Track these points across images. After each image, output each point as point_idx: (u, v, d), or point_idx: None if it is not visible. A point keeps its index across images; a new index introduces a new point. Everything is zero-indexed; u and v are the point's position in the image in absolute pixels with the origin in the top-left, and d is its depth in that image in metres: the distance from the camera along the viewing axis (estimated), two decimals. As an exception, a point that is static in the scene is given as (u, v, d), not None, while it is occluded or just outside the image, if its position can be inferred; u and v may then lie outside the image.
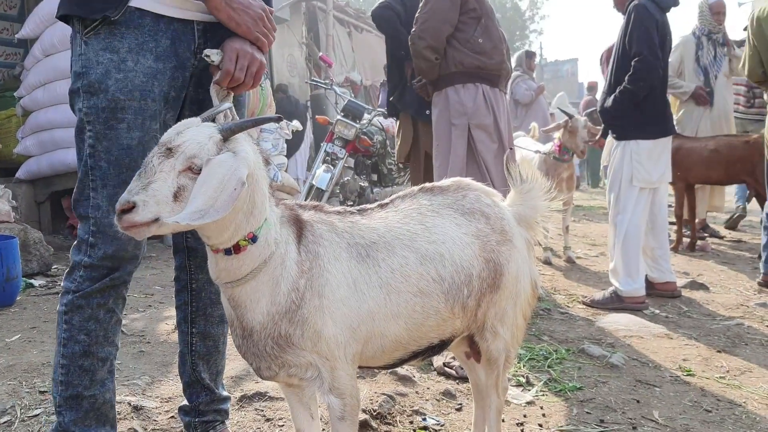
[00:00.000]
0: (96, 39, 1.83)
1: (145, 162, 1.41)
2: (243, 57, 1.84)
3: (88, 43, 1.84)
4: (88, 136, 1.86)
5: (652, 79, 4.26)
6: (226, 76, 1.81)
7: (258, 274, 1.55)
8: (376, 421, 2.54)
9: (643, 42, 4.25)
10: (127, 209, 1.35)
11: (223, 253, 1.52)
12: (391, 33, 4.87)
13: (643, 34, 4.27)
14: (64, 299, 1.94)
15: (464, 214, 1.89)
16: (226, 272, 1.55)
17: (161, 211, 1.37)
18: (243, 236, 1.52)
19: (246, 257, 1.53)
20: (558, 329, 3.86)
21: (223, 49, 1.83)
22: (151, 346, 3.48)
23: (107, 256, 1.90)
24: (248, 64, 1.85)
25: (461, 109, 4.02)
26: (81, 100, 1.86)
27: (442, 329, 1.81)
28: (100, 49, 1.83)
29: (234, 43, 1.84)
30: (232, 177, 1.39)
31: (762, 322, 4.07)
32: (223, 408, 2.28)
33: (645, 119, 4.38)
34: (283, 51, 12.65)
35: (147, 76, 1.85)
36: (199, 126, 1.48)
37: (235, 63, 1.82)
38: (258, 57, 1.88)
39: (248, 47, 1.86)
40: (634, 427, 2.57)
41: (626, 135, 4.47)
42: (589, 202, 11.11)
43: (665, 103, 4.52)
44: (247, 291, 1.57)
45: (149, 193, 1.36)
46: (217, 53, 1.82)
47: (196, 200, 1.35)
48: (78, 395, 1.94)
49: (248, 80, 1.87)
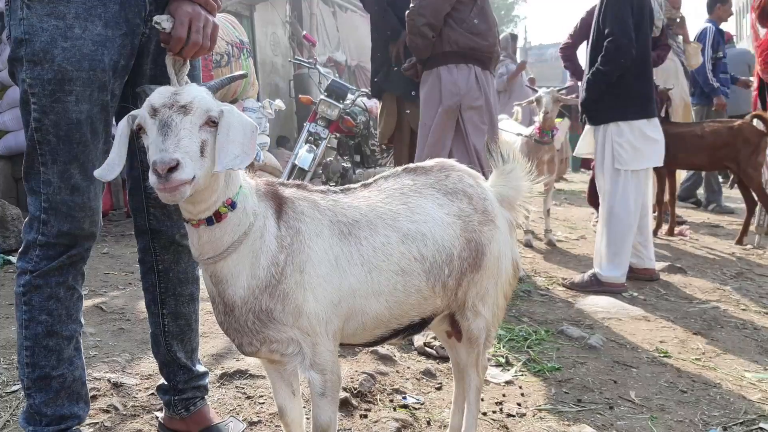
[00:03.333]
0: (40, 3, 1.72)
1: (165, 120, 1.38)
2: (197, 19, 1.75)
3: (30, 6, 1.72)
4: (33, 109, 1.77)
5: (624, 60, 4.18)
6: (178, 42, 1.72)
7: (239, 246, 1.57)
8: (356, 399, 2.55)
9: (615, 22, 4.19)
10: (174, 168, 1.32)
11: (205, 224, 1.53)
12: (378, 13, 4.83)
13: (615, 14, 4.21)
14: (21, 280, 1.88)
15: (447, 194, 1.90)
16: (210, 245, 1.56)
17: (195, 167, 1.37)
18: (223, 202, 1.53)
19: (227, 225, 1.55)
20: (538, 311, 3.89)
21: (174, 14, 1.75)
22: (131, 324, 3.46)
23: (62, 233, 1.84)
24: (203, 25, 1.77)
25: (454, 89, 4.02)
26: (24, 69, 1.75)
27: (422, 307, 1.83)
28: (45, 14, 1.72)
29: (184, 6, 1.75)
30: (248, 123, 1.46)
31: (737, 305, 4.14)
32: (201, 384, 2.27)
33: (622, 101, 4.32)
34: (267, 30, 12.53)
35: (96, 44, 1.76)
36: (190, 85, 1.51)
37: (189, 27, 1.74)
38: (211, 19, 1.81)
39: (200, 9, 1.78)
40: (611, 407, 2.61)
41: (605, 118, 4.42)
42: (570, 185, 11.18)
43: (645, 83, 4.39)
44: (229, 265, 1.58)
45: (184, 150, 1.35)
46: (167, 19, 1.73)
47: (231, 147, 1.41)
48: (46, 376, 1.90)
49: (206, 42, 1.79)
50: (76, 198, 1.84)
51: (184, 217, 1.57)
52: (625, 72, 4.24)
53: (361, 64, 14.41)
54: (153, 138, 1.39)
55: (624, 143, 4.34)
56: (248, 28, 11.78)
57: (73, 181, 1.83)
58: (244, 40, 6.73)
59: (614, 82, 4.27)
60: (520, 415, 2.52)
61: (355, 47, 15.01)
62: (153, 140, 1.39)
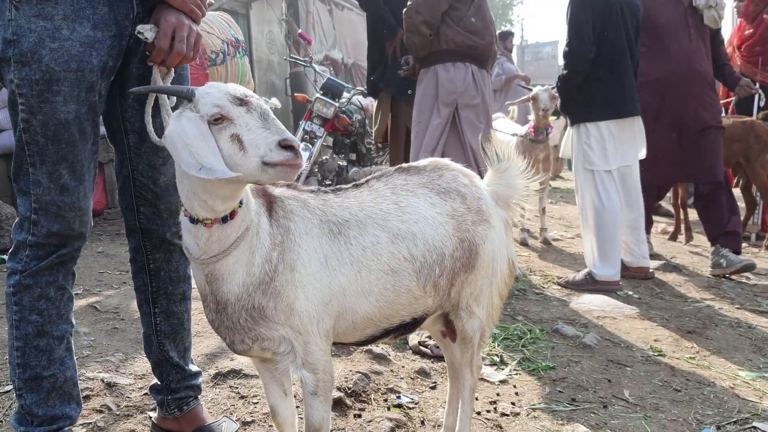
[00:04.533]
0: (28, 4, 1.72)
1: (263, 110, 1.46)
2: (180, 29, 1.78)
3: (18, 7, 1.72)
4: (21, 110, 1.77)
5: (581, 67, 4.28)
6: (160, 53, 1.77)
7: (240, 243, 1.57)
8: (350, 398, 2.55)
9: (571, 29, 4.31)
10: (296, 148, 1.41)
11: (221, 222, 1.54)
12: (374, 11, 4.82)
13: (571, 19, 4.31)
14: (11, 280, 1.88)
15: (439, 194, 1.90)
16: (218, 243, 1.55)
17: None
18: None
19: (236, 222, 1.56)
20: (533, 309, 3.90)
21: (158, 24, 1.77)
22: (125, 323, 3.45)
23: (52, 233, 1.84)
24: (186, 35, 1.80)
25: (451, 88, 4.01)
26: (12, 70, 1.75)
27: (413, 307, 1.82)
28: (33, 15, 1.72)
29: (169, 16, 1.78)
30: None
31: (732, 304, 4.15)
32: (194, 383, 2.26)
33: (589, 102, 4.39)
34: (263, 28, 12.50)
35: (84, 45, 1.76)
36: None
37: (172, 38, 1.77)
38: (195, 28, 1.84)
39: (184, 18, 1.80)
40: (605, 406, 2.61)
41: (576, 119, 4.53)
42: (565, 183, 11.18)
43: (617, 84, 4.36)
44: (228, 262, 1.58)
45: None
46: (150, 29, 1.75)
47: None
48: (37, 376, 1.90)
49: (189, 53, 1.82)
50: (65, 198, 1.84)
51: (200, 216, 1.54)
52: (592, 74, 4.30)
53: (358, 61, 14.39)
54: (253, 125, 1.43)
55: (592, 144, 4.40)
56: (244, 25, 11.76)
57: (62, 181, 1.83)
58: (240, 38, 6.71)
59: (582, 84, 4.35)
60: (514, 414, 2.52)
61: (352, 45, 14.99)
62: (254, 126, 1.43)
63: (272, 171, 1.41)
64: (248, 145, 1.42)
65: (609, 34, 4.28)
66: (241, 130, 1.43)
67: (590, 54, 4.25)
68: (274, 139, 1.40)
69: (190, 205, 1.54)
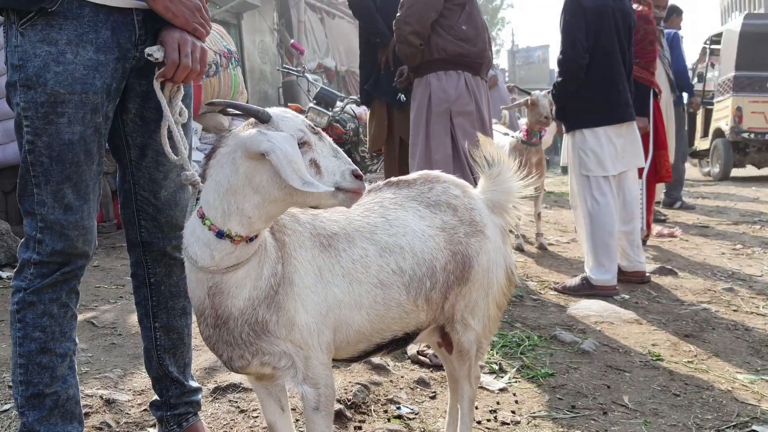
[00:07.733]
0: (33, 30, 1.76)
1: (332, 143, 1.58)
2: (185, 44, 1.82)
3: (24, 34, 1.77)
4: (26, 131, 1.80)
5: (574, 74, 4.33)
6: (172, 66, 1.79)
7: (252, 257, 1.56)
8: (350, 410, 2.54)
9: (564, 37, 4.36)
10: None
11: (248, 240, 1.52)
12: (367, 19, 4.83)
13: (564, 27, 4.36)
14: (15, 298, 1.89)
15: (429, 207, 1.90)
16: (235, 259, 1.53)
17: None
18: None
19: (258, 241, 1.57)
20: (530, 316, 3.90)
21: (163, 43, 1.81)
22: (122, 338, 3.44)
23: (56, 251, 1.86)
24: (191, 50, 1.83)
25: (443, 96, 4.01)
26: (18, 94, 1.80)
27: (405, 322, 1.82)
28: (38, 41, 1.76)
29: (173, 33, 1.82)
30: None
31: (729, 306, 4.16)
32: (194, 399, 2.26)
33: (584, 109, 4.43)
34: (255, 37, 12.52)
35: (88, 68, 1.80)
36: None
37: (179, 52, 1.80)
38: (199, 44, 1.87)
39: (188, 36, 1.84)
40: (605, 413, 2.61)
41: (571, 125, 4.58)
42: (560, 188, 11.21)
43: (611, 90, 4.40)
44: (238, 275, 1.55)
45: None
46: (158, 49, 1.79)
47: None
48: (39, 393, 1.89)
49: (195, 66, 1.85)
50: (69, 217, 1.85)
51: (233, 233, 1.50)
52: (586, 80, 4.34)
53: (351, 69, 14.44)
54: (326, 153, 1.54)
55: (587, 150, 4.43)
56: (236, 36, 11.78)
57: (66, 200, 1.85)
58: (232, 49, 6.73)
59: (577, 90, 4.39)
60: (514, 422, 2.52)
61: (345, 53, 15.04)
62: (327, 154, 1.54)
63: (342, 196, 1.51)
64: (324, 170, 1.51)
65: (602, 40, 4.32)
66: (318, 156, 1.52)
67: (584, 61, 4.30)
68: (348, 168, 1.52)
69: (226, 220, 1.50)
